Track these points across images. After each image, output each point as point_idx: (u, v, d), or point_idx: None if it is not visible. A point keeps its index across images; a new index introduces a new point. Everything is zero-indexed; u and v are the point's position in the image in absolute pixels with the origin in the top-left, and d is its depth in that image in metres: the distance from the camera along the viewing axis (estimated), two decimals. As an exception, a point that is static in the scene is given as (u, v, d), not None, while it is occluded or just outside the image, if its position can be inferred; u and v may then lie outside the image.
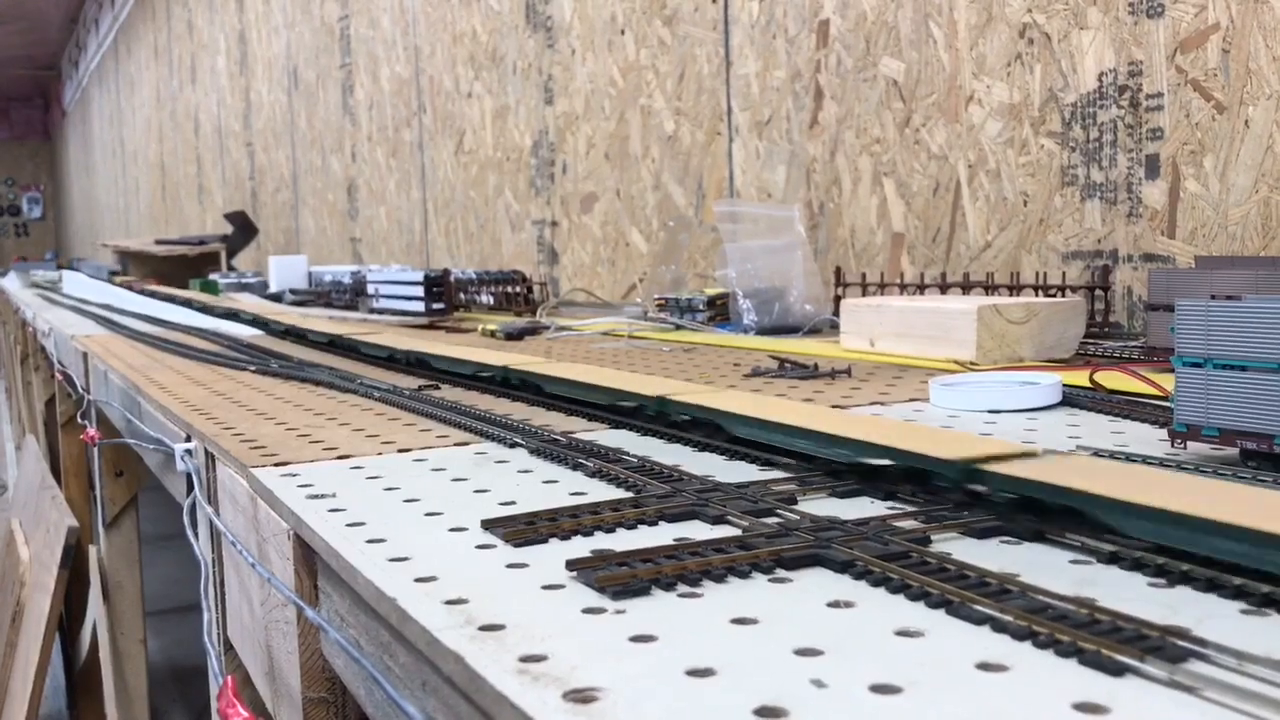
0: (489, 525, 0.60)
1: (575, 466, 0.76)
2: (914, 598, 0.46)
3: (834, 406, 0.97)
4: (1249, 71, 1.34)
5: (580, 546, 0.56)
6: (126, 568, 2.32)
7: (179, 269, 4.56)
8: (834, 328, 1.56)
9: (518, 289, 2.37)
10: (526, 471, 0.76)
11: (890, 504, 0.63)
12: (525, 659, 0.41)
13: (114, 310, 3.05)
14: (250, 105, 6.04)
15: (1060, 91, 1.58)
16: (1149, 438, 0.80)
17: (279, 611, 0.72)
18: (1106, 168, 1.53)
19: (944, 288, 1.64)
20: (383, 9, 4.05)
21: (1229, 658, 0.37)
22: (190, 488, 0.95)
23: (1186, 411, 0.68)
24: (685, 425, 0.87)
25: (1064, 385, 0.97)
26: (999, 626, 0.42)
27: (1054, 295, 1.46)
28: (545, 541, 0.57)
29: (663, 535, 0.58)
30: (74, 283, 4.82)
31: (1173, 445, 0.70)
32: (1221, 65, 1.37)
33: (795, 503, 0.63)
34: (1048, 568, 0.50)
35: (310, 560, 0.67)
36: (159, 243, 5.14)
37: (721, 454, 0.80)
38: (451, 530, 0.61)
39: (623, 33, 2.62)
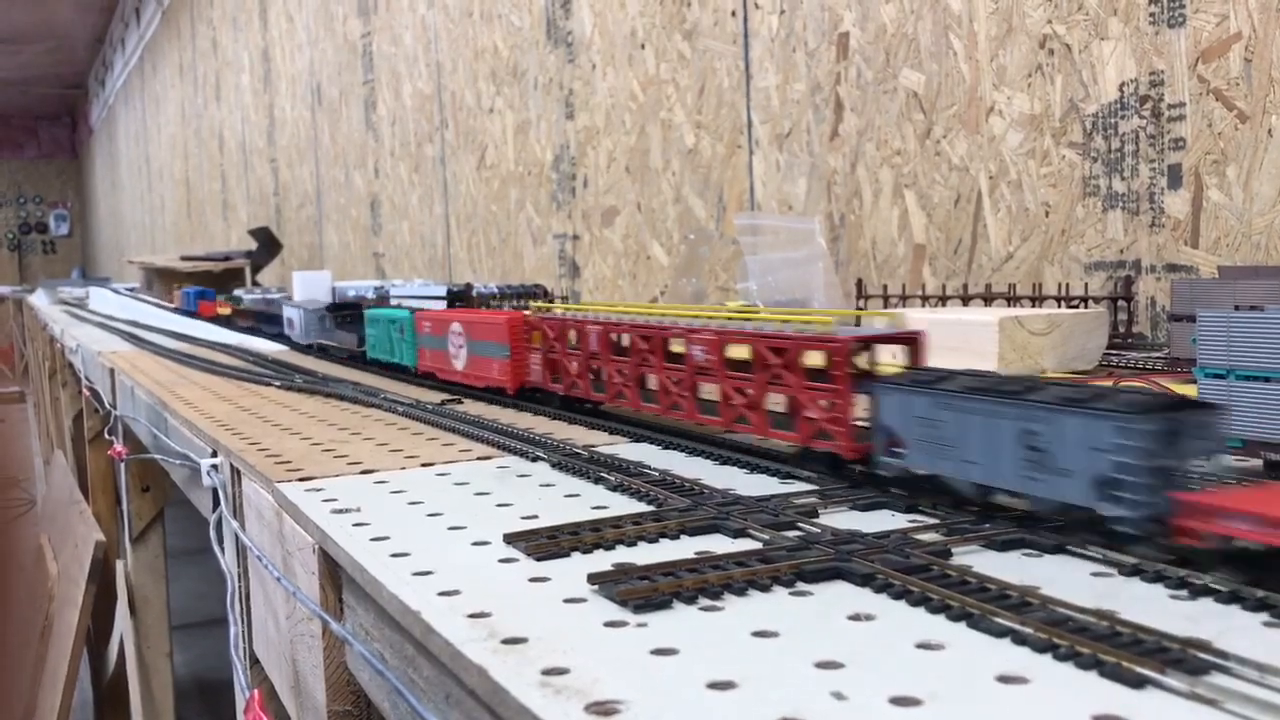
0: (511, 539, 0.60)
1: (597, 480, 0.76)
2: (935, 610, 0.46)
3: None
4: (1271, 80, 1.34)
5: (602, 560, 0.56)
6: (153, 582, 2.34)
7: (204, 284, 4.59)
8: (856, 340, 1.55)
9: (539, 303, 2.38)
10: (549, 485, 0.77)
11: (911, 517, 0.63)
12: (548, 672, 0.41)
13: (140, 326, 3.08)
14: (274, 122, 6.09)
15: (1081, 102, 1.58)
16: (1172, 449, 0.79)
17: (304, 625, 0.72)
18: (1128, 178, 1.52)
19: (966, 299, 1.64)
20: (405, 26, 4.08)
21: (1251, 670, 0.37)
22: (216, 502, 0.96)
23: (1209, 423, 0.68)
24: None
25: (1086, 396, 0.97)
26: (1020, 639, 0.42)
27: (1076, 306, 1.46)
28: (567, 555, 0.57)
29: (684, 549, 0.58)
30: (101, 299, 4.86)
31: (1196, 457, 0.70)
32: (1244, 74, 1.37)
33: (816, 516, 0.63)
34: (1069, 580, 0.50)
35: (335, 574, 0.68)
36: (184, 259, 5.19)
37: (743, 467, 0.80)
38: (475, 544, 0.61)
39: (643, 47, 2.63)
